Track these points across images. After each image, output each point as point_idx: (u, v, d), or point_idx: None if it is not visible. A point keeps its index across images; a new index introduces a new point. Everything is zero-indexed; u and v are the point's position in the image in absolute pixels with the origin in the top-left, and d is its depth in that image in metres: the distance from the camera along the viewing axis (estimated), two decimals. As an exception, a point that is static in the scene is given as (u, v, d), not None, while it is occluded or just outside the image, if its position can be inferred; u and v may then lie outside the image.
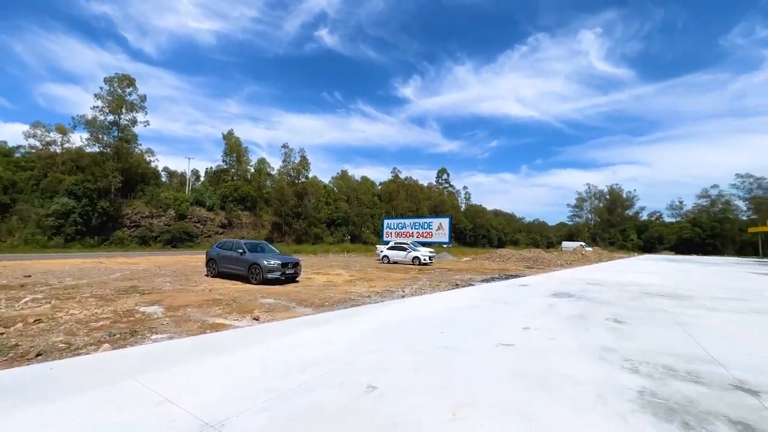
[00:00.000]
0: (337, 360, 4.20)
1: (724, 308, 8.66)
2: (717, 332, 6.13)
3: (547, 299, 9.54)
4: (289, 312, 7.86)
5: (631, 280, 15.33)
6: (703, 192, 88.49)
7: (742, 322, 7.03)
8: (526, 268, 24.38)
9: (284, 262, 12.71)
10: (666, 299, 9.93)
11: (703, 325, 6.69)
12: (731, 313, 7.99)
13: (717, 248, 77.29)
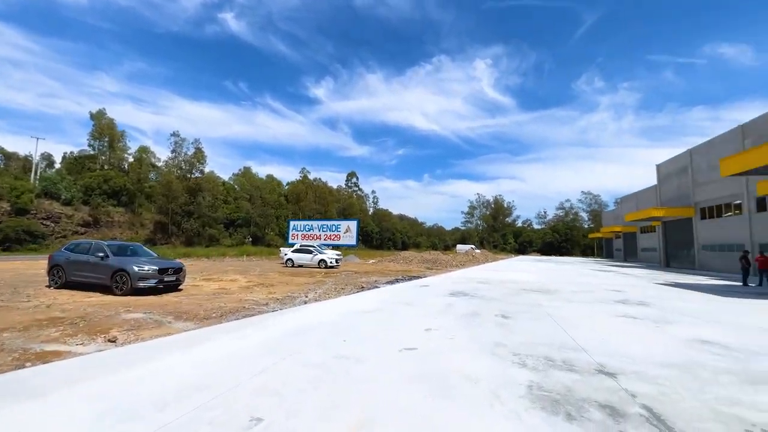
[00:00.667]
0: (213, 388, 3.42)
1: (579, 300, 10.39)
2: (578, 322, 7.18)
3: (445, 299, 10.04)
4: (162, 329, 6.47)
5: (512, 278, 17.51)
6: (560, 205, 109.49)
7: (593, 312, 8.44)
8: (427, 269, 25.94)
9: (162, 268, 10.69)
10: (539, 294, 11.48)
11: (568, 316, 7.80)
12: (585, 304, 9.59)
13: (568, 250, 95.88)
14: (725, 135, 26.64)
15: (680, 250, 33.43)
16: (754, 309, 9.40)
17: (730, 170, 15.25)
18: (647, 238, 46.18)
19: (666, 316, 8.03)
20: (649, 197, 44.14)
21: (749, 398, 3.49)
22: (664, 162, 35.91)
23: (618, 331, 6.45)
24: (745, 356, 4.98)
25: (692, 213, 30.47)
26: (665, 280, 18.03)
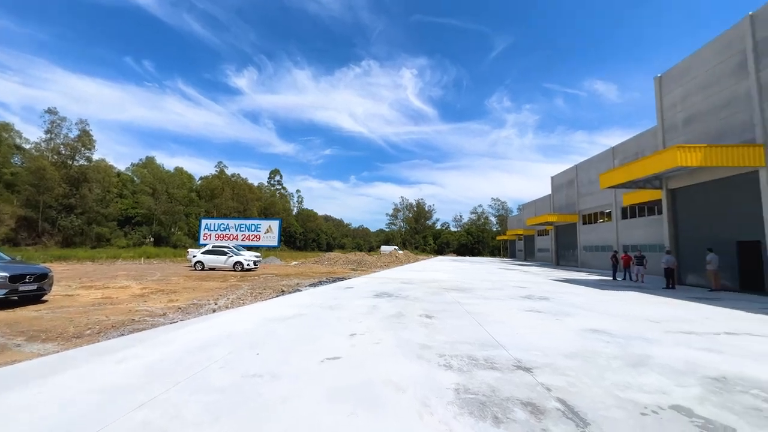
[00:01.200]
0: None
1: (492, 297, 11.18)
2: (494, 318, 7.60)
3: (370, 300, 9.85)
4: (4, 355, 4.94)
5: (432, 278, 18.26)
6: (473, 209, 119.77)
7: (504, 308, 9.08)
8: (352, 271, 25.68)
9: (16, 275, 8.39)
10: (457, 293, 12.06)
11: (484, 312, 8.24)
12: (497, 301, 10.32)
13: (480, 251, 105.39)
14: (601, 155, 32.01)
15: (567, 250, 39.13)
16: (622, 299, 11.21)
17: (605, 183, 18.29)
18: (543, 240, 53.08)
19: (563, 309, 9.03)
20: (545, 205, 50.75)
21: (636, 381, 3.92)
22: (557, 175, 41.72)
23: (528, 325, 6.97)
24: (625, 341, 5.74)
25: (576, 219, 35.90)
26: (557, 277, 20.74)
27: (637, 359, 4.75)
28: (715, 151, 13.29)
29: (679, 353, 5.10)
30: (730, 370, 4.37)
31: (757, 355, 5.09)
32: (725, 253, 14.36)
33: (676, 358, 4.83)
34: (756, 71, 13.12)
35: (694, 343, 5.76)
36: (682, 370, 4.33)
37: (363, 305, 8.95)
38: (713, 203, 15.20)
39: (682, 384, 3.87)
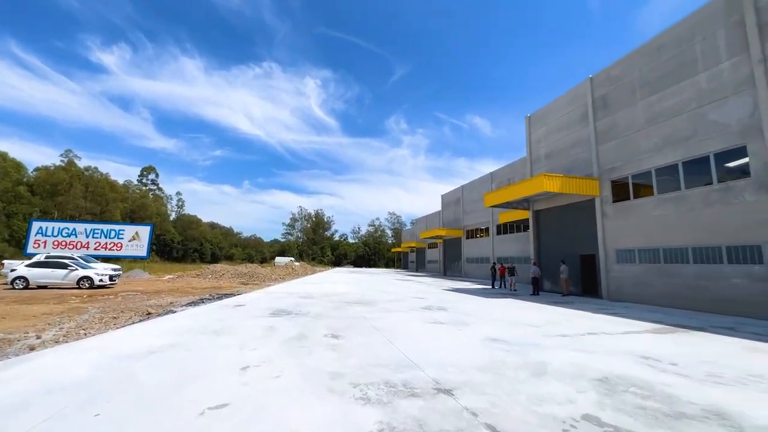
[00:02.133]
0: None
1: (395, 309, 11.12)
2: (401, 332, 7.37)
3: (266, 320, 8.59)
4: None
5: (333, 291, 17.53)
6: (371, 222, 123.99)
7: (409, 320, 9.03)
8: (242, 285, 22.92)
9: None
10: (361, 306, 11.65)
11: (391, 327, 7.97)
12: (400, 313, 10.27)
13: (375, 262, 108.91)
14: (482, 178, 36.71)
15: (454, 261, 43.30)
16: (504, 306, 12.53)
17: (488, 203, 20.83)
18: (432, 253, 57.74)
19: (461, 318, 9.46)
20: (435, 220, 55.47)
21: (546, 392, 4.03)
22: (446, 193, 46.20)
23: (435, 338, 6.93)
24: (520, 348, 6.13)
25: (461, 233, 40.13)
26: (448, 287, 22.44)
27: (537, 367, 5.01)
28: (568, 181, 16.35)
29: (565, 357, 5.63)
30: (606, 370, 4.95)
31: (616, 352, 5.99)
32: (573, 264, 17.68)
33: (564, 362, 5.28)
34: (594, 121, 16.78)
35: (569, 344, 6.52)
36: (574, 374, 4.70)
37: (257, 327, 7.69)
38: (565, 223, 18.66)
39: (580, 389, 4.13)
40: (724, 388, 4.30)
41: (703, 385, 4.36)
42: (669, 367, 5.18)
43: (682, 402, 3.80)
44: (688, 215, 12.53)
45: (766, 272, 10.38)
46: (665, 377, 4.67)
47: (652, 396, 3.96)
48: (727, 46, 11.62)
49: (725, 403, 3.77)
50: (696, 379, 4.63)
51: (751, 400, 3.89)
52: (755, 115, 10.77)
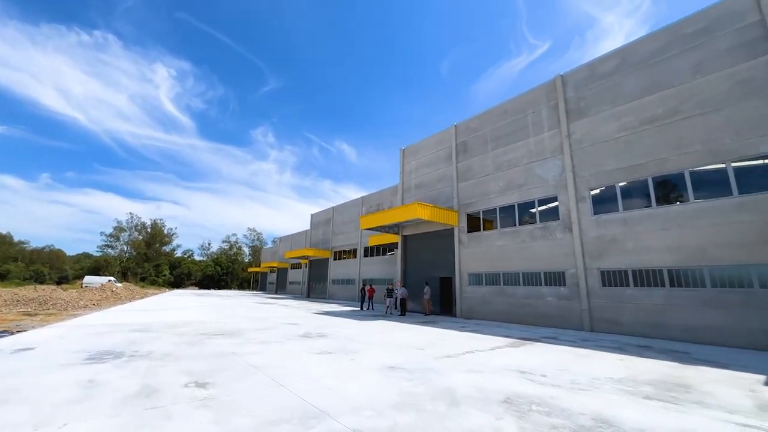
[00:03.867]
0: None
1: (270, 339, 9.60)
2: (289, 370, 6.21)
3: (81, 370, 5.89)
4: None
5: (180, 320, 14.13)
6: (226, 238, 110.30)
7: (291, 353, 7.83)
8: (27, 317, 15.97)
9: None
10: (225, 339, 9.59)
11: (274, 364, 6.67)
12: (278, 344, 8.88)
13: (227, 283, 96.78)
14: (354, 201, 37.84)
15: (318, 283, 42.32)
16: (383, 329, 12.59)
17: (364, 226, 21.36)
18: (295, 273, 55.22)
19: (347, 345, 8.84)
20: (301, 239, 53.68)
21: (472, 425, 3.85)
22: (317, 213, 45.53)
23: (330, 371, 6.08)
24: (422, 375, 5.97)
25: (329, 254, 39.87)
26: (317, 310, 21.41)
27: (447, 395, 4.88)
28: (436, 211, 18.32)
29: (463, 380, 5.75)
30: (503, 390, 5.23)
31: (498, 369, 6.53)
32: (434, 286, 19.59)
33: (466, 386, 5.35)
34: (456, 162, 19.58)
35: (459, 366, 6.78)
36: (482, 399, 4.76)
37: (66, 384, 5.14)
38: (429, 249, 20.71)
39: (497, 416, 4.13)
40: (588, 394, 5.09)
41: (576, 394, 5.07)
42: (542, 379, 5.90)
43: (575, 414, 4.24)
44: (521, 246, 15.69)
45: (567, 292, 13.77)
46: (547, 390, 5.24)
47: (552, 412, 4.30)
48: (548, 121, 15.53)
49: (601, 410, 4.41)
50: (567, 388, 5.37)
51: (614, 404, 4.68)
52: (563, 174, 14.56)
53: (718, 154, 10.79)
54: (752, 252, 9.88)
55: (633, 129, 12.71)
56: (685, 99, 11.63)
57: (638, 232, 12.14)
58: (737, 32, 10.87)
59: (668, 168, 11.74)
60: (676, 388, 5.48)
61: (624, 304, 12.14)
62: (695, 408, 4.53)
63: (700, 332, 10.41)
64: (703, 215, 10.83)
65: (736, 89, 10.66)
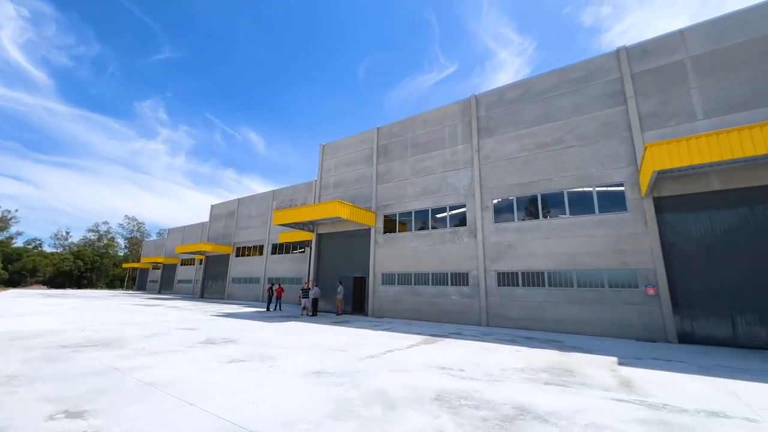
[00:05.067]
0: None
1: (164, 349, 8.18)
2: (198, 384, 5.34)
3: None
4: None
5: (27, 328, 11.00)
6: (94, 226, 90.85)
7: (196, 363, 6.79)
8: None
9: None
10: (100, 350, 7.79)
11: (176, 378, 5.66)
12: (176, 354, 7.62)
13: (93, 281, 79.99)
14: (264, 194, 35.29)
15: (216, 281, 38.17)
16: (297, 330, 11.95)
17: (278, 221, 20.03)
18: (186, 271, 48.80)
19: (260, 351, 8.09)
20: (195, 232, 47.80)
21: (414, 426, 3.86)
22: (218, 204, 41.03)
23: (249, 383, 5.44)
24: (349, 379, 5.81)
25: (231, 250, 36.35)
26: (216, 312, 19.21)
27: (381, 398, 4.82)
28: (355, 210, 18.30)
29: (391, 380, 5.79)
30: (432, 387, 5.43)
31: (421, 367, 6.79)
32: (347, 286, 19.54)
33: (396, 386, 5.40)
34: (376, 164, 19.94)
35: (384, 366, 6.83)
36: (415, 398, 4.85)
37: None
38: (344, 248, 20.57)
39: (435, 415, 4.24)
40: (503, 384, 5.65)
41: (494, 386, 5.57)
42: (462, 373, 6.34)
43: (498, 405, 4.64)
44: (432, 248, 16.79)
45: (469, 291, 15.25)
46: (469, 384, 5.64)
47: (480, 405, 4.62)
48: (462, 135, 17.01)
49: (517, 398, 4.92)
50: (484, 381, 5.87)
51: (525, 392, 5.27)
52: (472, 184, 16.11)
53: (587, 179, 13.33)
54: (605, 259, 12.47)
55: (529, 151, 14.82)
56: (568, 131, 14.08)
57: (528, 239, 14.18)
58: (605, 84, 13.64)
59: (553, 187, 14.02)
60: (564, 373, 6.51)
61: (514, 302, 14.02)
62: (583, 389, 5.43)
63: (567, 324, 12.67)
64: (574, 228, 13.24)
65: (602, 129, 13.36)
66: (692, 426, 4.00)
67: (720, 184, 10.84)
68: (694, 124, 11.61)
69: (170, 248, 52.96)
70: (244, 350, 8.13)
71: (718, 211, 10.93)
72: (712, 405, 4.76)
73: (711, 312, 10.58)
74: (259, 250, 34.14)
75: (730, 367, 7.28)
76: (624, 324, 11.70)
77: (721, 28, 11.82)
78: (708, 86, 11.67)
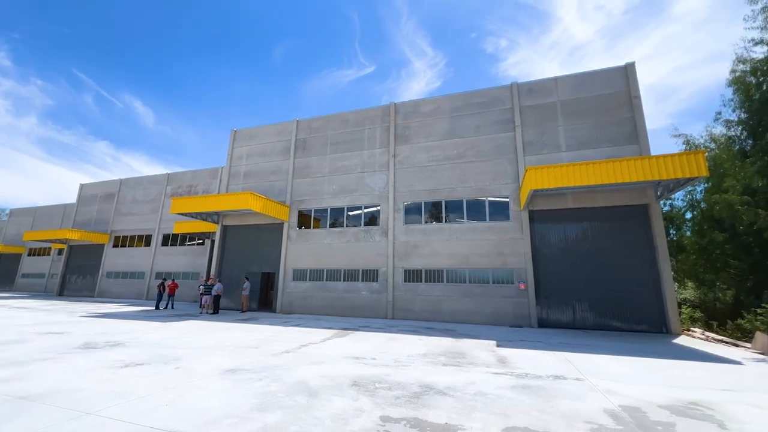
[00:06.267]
0: None
1: (28, 359, 6.85)
2: (95, 394, 4.79)
3: None
4: None
5: None
6: None
7: (84, 371, 5.95)
8: None
9: None
10: (-72, 365, 6.12)
11: (63, 390, 4.94)
12: (53, 362, 6.49)
13: None
14: (156, 177, 30.81)
15: (83, 276, 31.79)
16: (196, 330, 11.10)
17: (177, 209, 17.86)
18: (36, 263, 39.40)
19: (160, 353, 7.44)
20: (53, 216, 39.12)
21: (337, 409, 4.30)
22: (91, 184, 34.15)
23: (157, 387, 5.10)
24: (268, 374, 5.91)
25: (107, 239, 30.78)
26: (87, 311, 16.25)
27: (303, 388, 5.12)
28: (269, 204, 17.61)
29: (311, 371, 6.10)
30: (349, 375, 5.94)
31: (336, 358, 7.23)
32: (254, 282, 18.69)
33: (316, 377, 5.75)
34: (294, 157, 19.52)
35: (302, 359, 7.07)
36: (334, 386, 5.28)
37: None
38: (253, 242, 19.58)
39: (354, 398, 4.75)
40: (410, 368, 6.49)
41: (402, 369, 6.36)
42: (374, 361, 7.01)
43: (407, 384, 5.40)
44: (346, 246, 17.32)
45: (378, 287, 16.27)
46: (381, 370, 6.32)
47: (392, 386, 5.31)
48: (380, 139, 17.93)
49: (422, 378, 5.77)
50: (393, 366, 6.63)
51: (428, 373, 6.18)
52: (386, 187, 17.17)
53: (482, 191, 15.57)
54: (491, 259, 14.79)
55: (438, 162, 16.54)
56: (469, 148, 16.18)
57: (432, 240, 15.84)
58: (500, 112, 16.12)
59: (455, 195, 15.95)
60: (458, 355, 7.74)
61: (417, 296, 15.52)
62: (472, 367, 6.63)
63: (459, 315, 14.65)
64: (470, 232, 15.34)
65: (495, 150, 15.75)
66: (544, 387, 5.38)
67: (573, 203, 13.96)
68: (560, 155, 14.67)
69: (12, 234, 42.17)
70: (138, 353, 7.36)
71: (570, 224, 14.06)
72: (556, 371, 6.39)
73: (560, 302, 13.59)
74: (146, 240, 29.77)
75: (569, 343, 9.63)
76: (501, 314, 14.12)
77: (580, 82, 15.18)
78: (569, 126, 14.87)
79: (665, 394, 5.08)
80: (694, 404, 4.69)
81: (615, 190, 13.37)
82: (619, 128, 14.12)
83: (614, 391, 5.23)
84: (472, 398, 4.79)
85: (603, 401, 4.74)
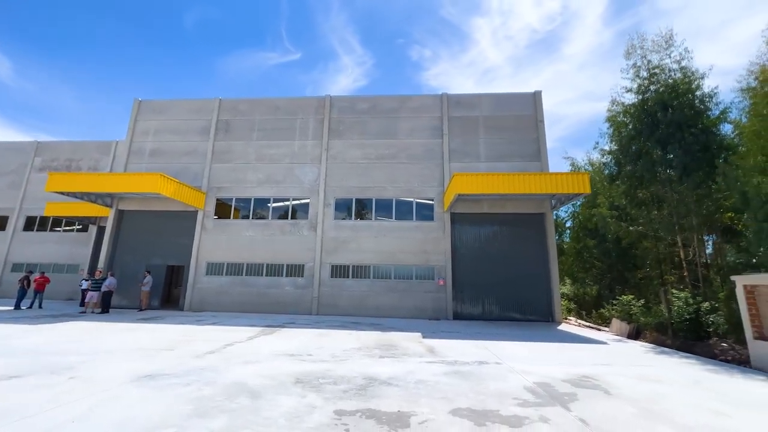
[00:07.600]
0: None
1: None
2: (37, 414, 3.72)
3: None
4: None
5: None
6: None
7: None
8: None
9: None
10: None
11: None
12: None
13: None
14: (17, 144, 24.37)
15: None
16: (86, 332, 9.34)
17: (54, 186, 14.44)
18: None
19: (45, 361, 6.09)
20: None
21: (289, 408, 4.15)
22: None
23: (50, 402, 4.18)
24: (198, 376, 5.37)
25: (-67, 219, 23.46)
26: None
27: (244, 389, 4.80)
28: (182, 188, 15.62)
29: (247, 371, 5.73)
30: (289, 373, 5.75)
31: (271, 356, 6.91)
32: (157, 276, 16.42)
33: (255, 377, 5.43)
34: (213, 140, 17.67)
35: (234, 359, 6.57)
36: (277, 385, 5.08)
37: None
38: (157, 230, 17.14)
39: (302, 395, 4.64)
40: (350, 362, 6.56)
41: (342, 364, 6.40)
42: (311, 357, 6.89)
43: (352, 378, 5.47)
44: (270, 239, 16.43)
45: (304, 282, 15.86)
46: (321, 365, 6.26)
47: (336, 381, 5.32)
48: (313, 131, 17.44)
49: (364, 371, 5.91)
50: (333, 361, 6.63)
51: (368, 365, 6.34)
52: (317, 181, 16.80)
53: (411, 191, 16.39)
54: (415, 257, 15.69)
55: (370, 160, 16.83)
56: (402, 150, 16.86)
57: (360, 237, 16.07)
58: (431, 119, 17.15)
59: (385, 194, 16.46)
60: (391, 348, 8.09)
61: (343, 292, 15.59)
62: (407, 358, 7.02)
63: (384, 309, 15.20)
64: (397, 230, 16.00)
65: (425, 154, 16.72)
66: (473, 371, 6.03)
67: (488, 208, 15.67)
68: (479, 164, 16.30)
69: None
70: (14, 363, 5.92)
71: (483, 226, 15.76)
72: (479, 357, 7.19)
73: (472, 297, 15.14)
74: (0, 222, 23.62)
75: (483, 333, 10.86)
76: (422, 308, 15.10)
77: (498, 101, 17.10)
78: (488, 139, 16.63)
79: (564, 371, 6.17)
80: (585, 377, 5.81)
81: (522, 200, 15.43)
82: (527, 146, 16.34)
83: (528, 371, 6.14)
84: (415, 386, 5.11)
85: (521, 380, 5.54)
